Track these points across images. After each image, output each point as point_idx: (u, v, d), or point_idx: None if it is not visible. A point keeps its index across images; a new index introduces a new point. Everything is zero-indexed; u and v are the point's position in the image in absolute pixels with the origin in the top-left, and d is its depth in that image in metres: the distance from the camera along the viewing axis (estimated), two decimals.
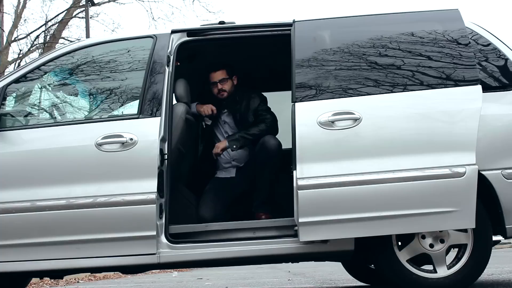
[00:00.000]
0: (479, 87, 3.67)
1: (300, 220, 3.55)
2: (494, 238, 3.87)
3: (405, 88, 3.74)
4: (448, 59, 3.78)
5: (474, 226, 3.56)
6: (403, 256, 3.73)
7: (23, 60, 18.38)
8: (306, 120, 3.67)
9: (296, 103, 3.71)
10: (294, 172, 3.58)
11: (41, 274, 4.01)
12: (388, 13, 4.10)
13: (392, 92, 3.74)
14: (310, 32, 3.98)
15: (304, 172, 3.57)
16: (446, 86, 3.71)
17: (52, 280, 8.89)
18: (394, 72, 3.79)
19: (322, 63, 3.84)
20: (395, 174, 3.55)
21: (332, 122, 3.65)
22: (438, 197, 3.53)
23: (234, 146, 4.52)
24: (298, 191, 3.55)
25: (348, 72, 3.82)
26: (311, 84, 3.78)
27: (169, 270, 12.40)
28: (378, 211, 3.54)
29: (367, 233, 3.58)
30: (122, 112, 4.15)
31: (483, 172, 3.68)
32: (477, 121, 3.59)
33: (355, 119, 3.65)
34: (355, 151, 3.63)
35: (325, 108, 3.69)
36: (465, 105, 3.66)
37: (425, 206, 3.53)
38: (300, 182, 3.55)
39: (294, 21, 4.00)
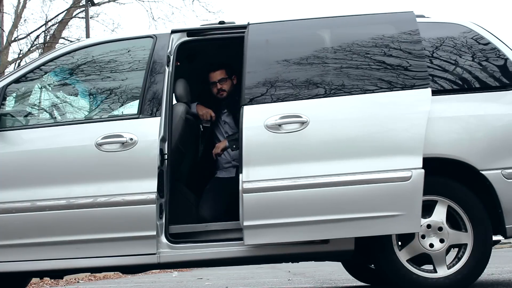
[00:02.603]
0: (428, 90, 3.67)
1: (245, 223, 3.55)
2: (494, 238, 3.86)
3: (354, 91, 3.73)
4: (398, 62, 3.78)
5: (419, 230, 3.57)
6: (403, 256, 3.73)
7: (23, 60, 18.39)
8: (253, 123, 3.66)
9: (244, 106, 3.70)
10: (240, 175, 3.58)
11: (41, 274, 4.01)
12: (342, 15, 4.10)
13: (340, 95, 3.73)
14: (263, 35, 3.98)
15: (250, 176, 3.56)
16: (395, 89, 3.71)
17: (52, 280, 8.90)
18: (344, 75, 3.79)
19: (272, 66, 3.84)
20: (341, 177, 3.55)
21: (279, 125, 3.64)
22: (383, 201, 3.53)
23: (234, 146, 4.52)
24: (243, 194, 3.54)
25: (298, 75, 3.81)
26: (260, 87, 3.78)
27: (169, 270, 12.40)
28: (324, 215, 3.54)
29: (313, 237, 3.59)
30: (122, 112, 4.15)
31: (483, 172, 3.68)
32: (425, 124, 3.58)
33: (302, 123, 3.64)
34: (302, 154, 3.62)
35: (273, 111, 3.69)
36: (413, 109, 3.66)
37: (370, 210, 3.53)
38: (246, 186, 3.55)
39: (248, 24, 4.01)
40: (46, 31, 19.22)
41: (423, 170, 3.52)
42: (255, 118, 3.67)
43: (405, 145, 3.58)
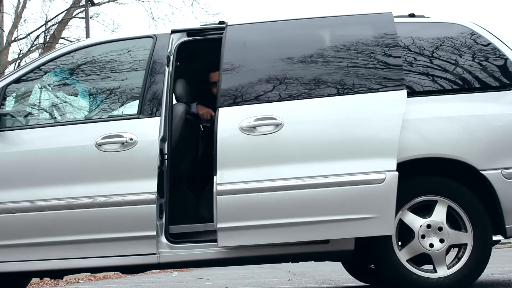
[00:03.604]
0: (403, 92, 3.66)
1: (219, 225, 3.55)
2: (494, 238, 3.86)
3: (329, 93, 3.73)
4: (374, 64, 3.78)
5: (392, 233, 3.56)
6: (403, 256, 3.73)
7: (23, 60, 18.39)
8: (228, 125, 3.66)
9: (219, 108, 3.70)
10: (215, 177, 3.58)
11: (41, 274, 4.01)
12: (319, 16, 4.09)
13: (316, 97, 3.73)
14: (240, 36, 3.98)
15: (224, 178, 3.56)
16: (370, 91, 3.71)
17: (52, 280, 8.90)
18: (319, 77, 3.78)
19: (248, 68, 3.85)
20: (314, 180, 3.55)
21: (254, 127, 3.65)
22: (357, 203, 3.53)
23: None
24: (217, 196, 3.54)
25: (273, 77, 3.81)
26: (236, 89, 3.78)
27: (169, 270, 12.40)
28: (298, 217, 3.54)
29: (287, 239, 3.58)
30: (122, 112, 4.15)
31: (483, 172, 3.68)
32: (399, 126, 3.58)
33: (277, 125, 3.64)
34: (276, 156, 3.61)
35: (248, 113, 3.69)
36: (387, 111, 3.65)
37: (344, 212, 3.53)
38: (219, 188, 3.55)
39: (226, 25, 4.01)
40: (46, 31, 19.23)
41: (397, 173, 3.53)
42: (230, 120, 3.67)
43: (380, 148, 3.57)
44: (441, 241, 3.71)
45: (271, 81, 3.79)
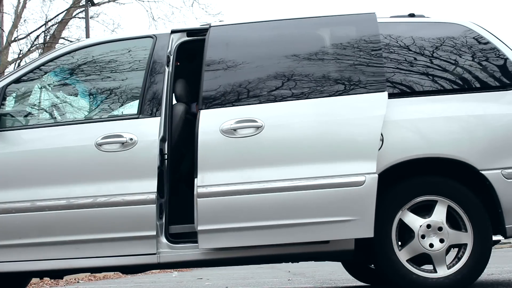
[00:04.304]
0: (384, 94, 3.66)
1: (199, 228, 3.57)
2: (494, 238, 3.86)
3: (310, 95, 3.73)
4: (356, 66, 3.78)
5: (372, 235, 3.55)
6: (403, 256, 3.73)
7: (23, 60, 18.40)
8: (208, 128, 3.66)
9: (201, 111, 3.71)
10: (196, 180, 3.59)
11: (41, 274, 4.01)
12: (301, 17, 4.08)
13: (296, 99, 3.73)
14: (223, 37, 3.98)
15: (205, 180, 3.58)
16: (351, 93, 3.71)
17: (52, 280, 8.90)
18: (301, 78, 3.79)
19: (230, 70, 3.85)
20: (295, 182, 3.56)
21: (234, 130, 3.65)
22: (337, 206, 3.54)
23: None
24: (198, 199, 3.56)
25: (254, 79, 3.82)
26: (218, 91, 3.79)
27: (169, 270, 12.40)
28: (278, 220, 3.55)
29: (267, 241, 3.59)
30: (122, 112, 4.15)
31: (483, 172, 3.68)
32: (379, 129, 3.58)
33: (258, 127, 3.65)
34: (256, 159, 3.62)
35: (228, 115, 3.69)
36: (368, 113, 3.65)
37: (324, 214, 3.54)
38: (200, 190, 3.56)
39: (210, 26, 4.01)
40: (46, 31, 19.24)
41: (376, 175, 3.54)
42: (211, 122, 3.68)
43: (360, 150, 3.58)
44: (441, 241, 3.71)
45: (252, 83, 3.80)
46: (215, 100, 3.76)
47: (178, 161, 4.32)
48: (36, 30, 19.13)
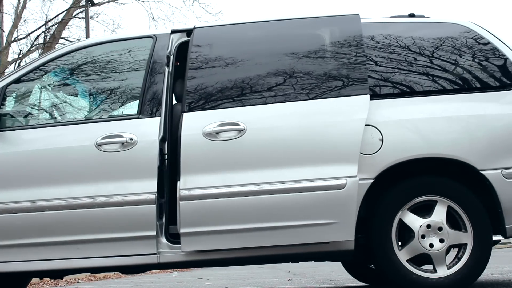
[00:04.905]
0: (366, 97, 3.68)
1: (182, 230, 3.59)
2: (494, 238, 3.86)
3: (292, 98, 3.75)
4: (338, 68, 3.79)
5: (352, 238, 3.58)
6: (403, 256, 3.72)
7: (23, 60, 18.41)
8: (191, 131, 3.68)
9: (183, 113, 3.72)
10: (178, 182, 3.61)
11: (41, 274, 4.00)
12: (284, 18, 4.08)
13: (279, 102, 3.75)
14: (207, 39, 3.98)
15: (187, 183, 3.60)
16: (333, 96, 3.73)
17: (52, 280, 8.90)
18: (283, 81, 3.80)
19: (213, 73, 3.86)
20: (276, 185, 3.58)
21: (217, 133, 3.67)
22: (318, 209, 3.56)
23: None
24: (180, 202, 3.58)
25: (237, 81, 3.83)
26: (201, 94, 3.80)
27: (169, 270, 12.40)
28: (259, 223, 3.58)
29: (248, 244, 3.61)
30: (122, 112, 4.16)
31: (483, 172, 3.68)
32: (361, 132, 3.60)
33: (240, 130, 3.67)
34: (238, 162, 3.64)
35: (211, 118, 3.71)
36: (350, 116, 3.67)
37: (305, 218, 3.56)
38: (182, 193, 3.58)
39: (194, 27, 4.02)
40: (46, 31, 19.25)
41: (357, 178, 3.56)
42: (194, 125, 3.70)
43: (341, 154, 3.60)
44: (441, 241, 3.71)
45: (235, 86, 3.82)
46: (198, 103, 3.78)
47: (178, 161, 4.31)
48: (36, 30, 19.17)
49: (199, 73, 3.86)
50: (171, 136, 3.96)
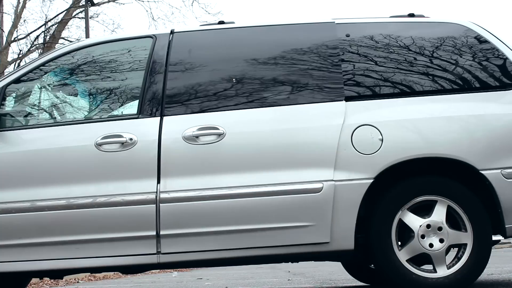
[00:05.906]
0: (342, 103, 3.76)
1: (161, 232, 3.64)
2: (494, 238, 3.86)
3: (271, 103, 3.81)
4: (315, 75, 3.87)
5: (329, 241, 3.63)
6: (403, 256, 3.72)
7: (23, 60, 18.42)
8: (171, 134, 3.73)
9: (163, 117, 3.77)
10: (158, 185, 3.65)
11: (41, 274, 4.00)
12: (263, 25, 4.13)
13: (258, 107, 3.82)
14: (186, 44, 4.03)
15: (167, 186, 3.65)
16: (310, 101, 3.80)
17: (52, 280, 8.90)
18: (262, 87, 3.87)
19: (192, 77, 3.91)
20: (254, 189, 3.64)
21: (197, 137, 3.71)
22: (295, 212, 3.62)
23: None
24: (160, 204, 3.62)
25: (217, 86, 3.89)
26: (180, 97, 3.86)
27: (169, 270, 12.40)
28: (238, 225, 3.63)
29: (227, 246, 3.65)
30: (122, 112, 4.15)
31: (482, 172, 3.68)
32: (337, 137, 3.67)
33: (219, 134, 3.71)
34: (217, 166, 3.69)
35: (191, 122, 3.76)
36: (326, 121, 3.74)
37: (283, 220, 3.62)
38: (162, 196, 3.64)
39: (172, 31, 4.07)
40: (45, 31, 19.26)
41: (334, 182, 3.61)
42: (174, 129, 3.75)
43: (317, 158, 3.67)
44: (441, 241, 3.71)
45: (214, 90, 3.87)
46: (178, 107, 3.82)
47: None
48: (36, 30, 19.18)
49: (179, 77, 3.91)
50: None
